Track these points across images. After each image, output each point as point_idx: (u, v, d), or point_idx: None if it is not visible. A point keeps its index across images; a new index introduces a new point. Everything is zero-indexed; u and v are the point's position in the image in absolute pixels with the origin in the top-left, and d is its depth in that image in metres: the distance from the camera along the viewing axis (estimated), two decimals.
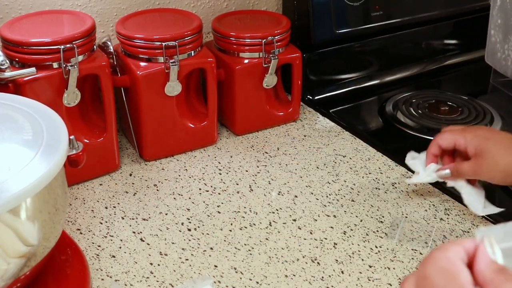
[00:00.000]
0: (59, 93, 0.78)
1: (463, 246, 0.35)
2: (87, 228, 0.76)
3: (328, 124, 1.01)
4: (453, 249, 0.35)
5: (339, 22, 1.05)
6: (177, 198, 0.82)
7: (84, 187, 0.84)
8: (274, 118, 0.99)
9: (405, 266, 0.70)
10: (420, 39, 1.20)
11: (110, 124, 0.84)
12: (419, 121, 1.01)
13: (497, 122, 1.02)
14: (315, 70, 1.08)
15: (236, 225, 0.76)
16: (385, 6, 1.09)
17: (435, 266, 0.34)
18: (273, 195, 0.83)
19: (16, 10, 0.88)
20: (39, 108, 0.62)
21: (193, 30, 0.86)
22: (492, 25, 1.10)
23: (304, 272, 0.69)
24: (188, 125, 0.91)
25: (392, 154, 0.92)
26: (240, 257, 0.71)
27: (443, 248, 0.35)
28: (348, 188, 0.84)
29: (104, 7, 0.95)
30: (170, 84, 0.86)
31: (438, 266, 0.34)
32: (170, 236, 0.74)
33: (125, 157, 0.91)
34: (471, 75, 1.23)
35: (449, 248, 0.35)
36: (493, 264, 0.33)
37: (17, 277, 0.55)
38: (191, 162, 0.90)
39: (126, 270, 0.69)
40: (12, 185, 0.50)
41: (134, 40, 0.85)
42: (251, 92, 0.95)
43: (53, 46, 0.76)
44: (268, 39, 0.91)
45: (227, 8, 1.05)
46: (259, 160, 0.91)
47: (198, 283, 0.66)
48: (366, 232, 0.75)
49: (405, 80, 1.18)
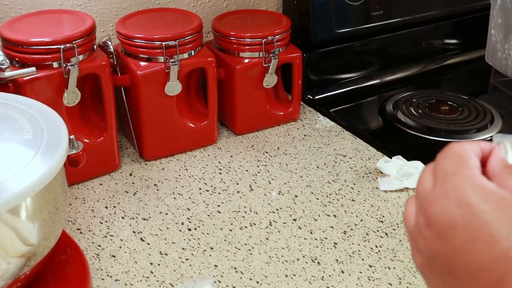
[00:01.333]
0: (59, 92, 0.78)
1: (480, 145, 0.37)
2: (87, 227, 0.75)
3: (328, 124, 1.01)
4: (469, 144, 0.37)
5: (339, 21, 1.05)
6: (177, 197, 0.82)
7: (84, 186, 0.84)
8: (274, 117, 0.99)
9: (405, 266, 0.70)
10: (420, 38, 1.20)
11: (110, 124, 0.83)
12: (419, 120, 1.01)
13: (497, 122, 1.02)
14: (315, 69, 1.08)
15: (236, 225, 0.76)
16: (385, 5, 1.09)
17: (449, 152, 0.36)
18: (273, 195, 0.83)
19: (16, 9, 0.88)
20: (39, 107, 0.62)
21: (193, 30, 0.86)
22: (493, 25, 1.10)
23: (304, 271, 0.69)
24: (188, 124, 0.91)
25: (392, 154, 0.92)
26: (240, 256, 0.71)
27: (461, 142, 0.37)
28: (348, 187, 0.84)
29: (104, 6, 0.95)
30: (170, 84, 0.85)
31: (451, 152, 0.36)
32: (170, 235, 0.74)
33: (125, 157, 0.91)
34: (471, 75, 1.23)
35: (466, 143, 0.37)
36: (503, 161, 0.35)
37: (17, 276, 0.55)
38: (191, 162, 0.90)
39: (126, 269, 0.69)
40: (12, 185, 0.50)
41: (134, 40, 0.84)
42: (251, 92, 0.95)
43: (53, 45, 0.75)
44: (268, 38, 0.91)
45: (227, 7, 1.05)
46: (259, 160, 0.91)
47: (198, 283, 0.65)
48: (367, 232, 0.75)
49: (405, 80, 1.18)
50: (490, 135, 0.98)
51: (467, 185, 0.33)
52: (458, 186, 0.33)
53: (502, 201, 0.32)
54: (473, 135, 0.98)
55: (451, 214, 0.32)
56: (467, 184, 0.33)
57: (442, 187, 0.34)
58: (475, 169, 0.34)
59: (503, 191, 0.32)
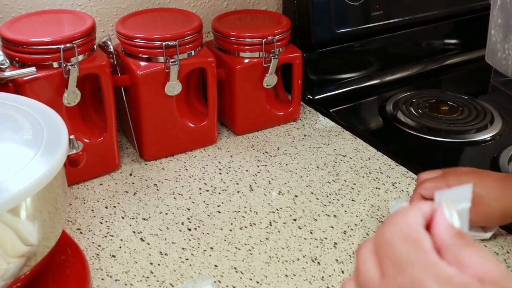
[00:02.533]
0: (59, 92, 0.78)
1: (421, 210, 0.34)
2: (87, 227, 0.75)
3: (328, 124, 1.01)
4: (412, 214, 0.34)
5: (339, 21, 1.05)
6: (177, 197, 0.82)
7: (84, 186, 0.83)
8: (274, 117, 0.99)
9: None
10: (420, 38, 1.20)
11: (110, 124, 0.83)
12: (419, 120, 1.01)
13: (497, 122, 1.02)
14: (315, 69, 1.08)
15: (236, 225, 0.76)
16: (385, 5, 1.09)
17: (396, 233, 0.33)
18: (273, 195, 0.83)
19: (16, 9, 0.88)
20: (39, 107, 0.62)
21: (193, 30, 0.86)
22: (493, 25, 1.10)
23: (304, 271, 0.69)
24: (188, 124, 0.91)
25: (392, 154, 0.92)
26: (240, 256, 0.71)
27: (401, 213, 0.34)
28: (348, 187, 0.84)
29: (104, 6, 0.95)
30: (170, 84, 0.85)
31: (399, 233, 0.33)
32: (170, 235, 0.74)
33: (125, 157, 0.91)
34: (471, 75, 1.23)
35: (408, 214, 0.34)
36: (452, 228, 0.33)
37: (17, 276, 0.55)
38: (191, 162, 0.90)
39: (126, 269, 0.69)
40: (12, 185, 0.50)
41: (134, 40, 0.84)
42: (251, 92, 0.95)
43: (53, 45, 0.75)
44: (268, 38, 0.91)
45: (227, 7, 1.05)
46: (259, 160, 0.91)
47: (198, 283, 0.65)
48: (367, 232, 0.75)
49: (405, 80, 1.18)
50: (490, 135, 0.98)
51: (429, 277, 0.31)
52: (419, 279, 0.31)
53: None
54: (473, 135, 0.98)
55: None
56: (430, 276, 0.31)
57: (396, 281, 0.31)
58: (431, 253, 0.32)
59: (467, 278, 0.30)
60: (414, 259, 0.31)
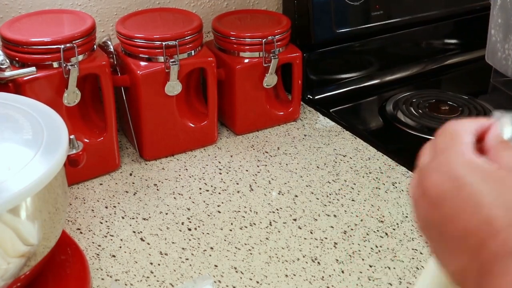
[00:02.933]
0: (59, 92, 0.78)
1: (480, 122, 0.39)
2: (87, 227, 0.75)
3: (328, 124, 1.01)
4: (468, 122, 0.39)
5: (339, 21, 1.05)
6: (177, 197, 0.82)
7: (84, 186, 0.83)
8: (274, 117, 0.99)
9: (406, 266, 0.70)
10: (420, 38, 1.20)
11: (110, 124, 0.83)
12: (419, 120, 1.01)
13: None
14: (315, 69, 1.08)
15: (236, 225, 0.76)
16: (385, 5, 1.09)
17: (446, 129, 0.38)
18: (273, 195, 0.83)
19: (16, 9, 0.88)
20: (39, 107, 0.62)
21: (193, 30, 0.86)
22: (493, 25, 1.10)
23: (304, 271, 0.69)
24: (188, 124, 0.91)
25: (392, 154, 0.92)
26: (240, 256, 0.71)
27: (459, 120, 0.39)
28: (348, 187, 0.84)
29: (104, 6, 0.95)
30: (170, 84, 0.85)
31: (448, 129, 0.38)
32: (170, 235, 0.74)
33: (125, 157, 0.91)
34: (471, 75, 1.23)
35: (464, 121, 0.39)
36: (500, 137, 0.37)
37: (17, 276, 0.55)
38: (191, 162, 0.90)
39: (126, 269, 0.69)
40: (12, 185, 0.50)
41: (134, 40, 0.84)
42: (251, 92, 0.95)
43: (53, 45, 0.75)
44: (268, 38, 0.91)
45: (227, 7, 1.05)
46: (259, 160, 0.91)
47: (199, 283, 0.65)
48: (367, 232, 0.75)
49: (405, 80, 1.17)
50: None
51: (456, 160, 0.36)
52: (448, 161, 0.36)
53: (486, 173, 0.34)
54: None
55: (442, 186, 0.35)
56: (457, 159, 0.36)
57: (435, 162, 0.37)
58: (466, 145, 0.37)
59: (489, 165, 0.35)
60: (450, 146, 0.37)
